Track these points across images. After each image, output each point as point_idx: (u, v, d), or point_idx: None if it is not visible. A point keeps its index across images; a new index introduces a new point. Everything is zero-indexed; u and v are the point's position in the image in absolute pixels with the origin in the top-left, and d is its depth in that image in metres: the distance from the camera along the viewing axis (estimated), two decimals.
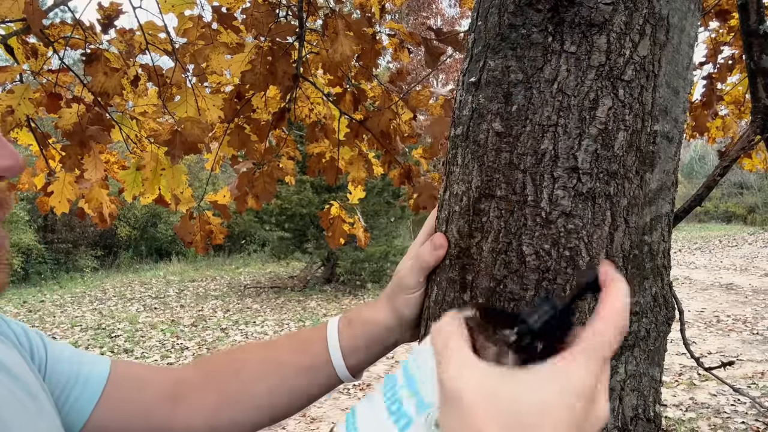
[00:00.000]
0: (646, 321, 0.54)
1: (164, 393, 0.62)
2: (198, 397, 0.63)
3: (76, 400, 0.56)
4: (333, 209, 2.30)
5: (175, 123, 1.79)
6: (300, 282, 10.63)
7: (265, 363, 0.64)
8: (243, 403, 0.62)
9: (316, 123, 2.21)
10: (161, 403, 0.61)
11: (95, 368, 0.59)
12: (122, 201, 2.45)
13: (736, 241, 15.77)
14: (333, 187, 9.45)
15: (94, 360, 0.60)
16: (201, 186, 11.28)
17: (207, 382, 0.64)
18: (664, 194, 0.55)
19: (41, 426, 0.48)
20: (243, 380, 0.63)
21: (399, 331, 0.63)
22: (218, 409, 0.62)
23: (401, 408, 0.41)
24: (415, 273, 0.60)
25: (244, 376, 0.63)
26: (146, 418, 0.60)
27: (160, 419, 0.61)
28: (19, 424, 0.44)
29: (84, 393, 0.57)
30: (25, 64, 1.90)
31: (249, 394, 0.62)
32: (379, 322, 0.62)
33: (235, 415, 0.62)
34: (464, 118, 0.58)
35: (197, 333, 7.10)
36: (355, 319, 0.64)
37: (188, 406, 0.62)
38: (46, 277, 12.24)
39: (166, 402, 0.62)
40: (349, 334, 0.63)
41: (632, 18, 0.50)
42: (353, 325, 0.63)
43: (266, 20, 1.72)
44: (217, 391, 0.63)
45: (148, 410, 0.60)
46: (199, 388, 0.63)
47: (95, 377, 0.58)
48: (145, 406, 0.60)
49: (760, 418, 3.90)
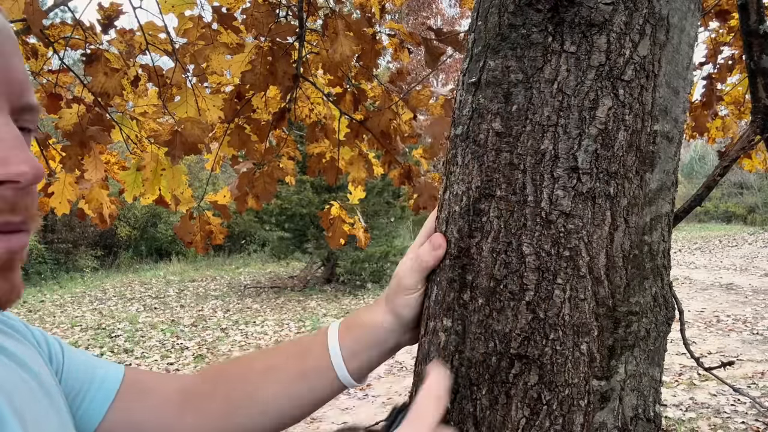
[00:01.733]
0: (646, 321, 0.54)
1: (172, 400, 0.63)
2: (205, 404, 0.63)
3: (90, 402, 0.57)
4: (333, 209, 2.30)
5: (175, 123, 1.79)
6: (300, 282, 10.62)
7: (267, 369, 0.64)
8: (249, 408, 0.62)
9: (316, 123, 2.21)
10: (169, 410, 0.62)
11: (109, 373, 0.60)
12: (122, 201, 2.45)
13: (736, 241, 15.77)
14: (333, 187, 9.45)
15: (107, 365, 0.62)
16: (201, 186, 11.28)
17: (213, 389, 0.64)
18: (664, 194, 0.55)
19: (53, 419, 0.49)
20: (248, 387, 0.63)
21: (399, 333, 0.63)
22: (225, 415, 0.62)
23: None
24: (415, 273, 0.60)
25: (248, 383, 0.64)
26: (155, 423, 0.61)
27: (168, 425, 0.61)
28: (31, 413, 0.45)
29: (98, 396, 0.58)
30: (25, 65, 1.90)
31: (254, 400, 0.63)
32: (379, 324, 0.62)
33: (242, 421, 0.62)
34: (464, 118, 0.58)
35: (197, 333, 7.10)
36: (354, 322, 0.64)
37: (196, 413, 0.63)
38: (46, 277, 12.23)
39: (174, 408, 0.62)
40: (350, 337, 0.63)
41: (632, 18, 0.50)
42: (353, 329, 0.63)
43: (266, 20, 1.72)
44: (224, 397, 0.63)
45: (157, 416, 0.61)
46: (205, 395, 0.64)
47: (109, 381, 0.59)
48: (154, 412, 0.61)
49: (760, 418, 3.89)
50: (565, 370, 0.51)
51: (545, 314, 0.51)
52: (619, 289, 0.52)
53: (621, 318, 0.52)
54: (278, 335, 6.89)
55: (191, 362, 5.82)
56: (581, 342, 0.51)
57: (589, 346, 0.51)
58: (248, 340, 6.66)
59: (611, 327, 0.52)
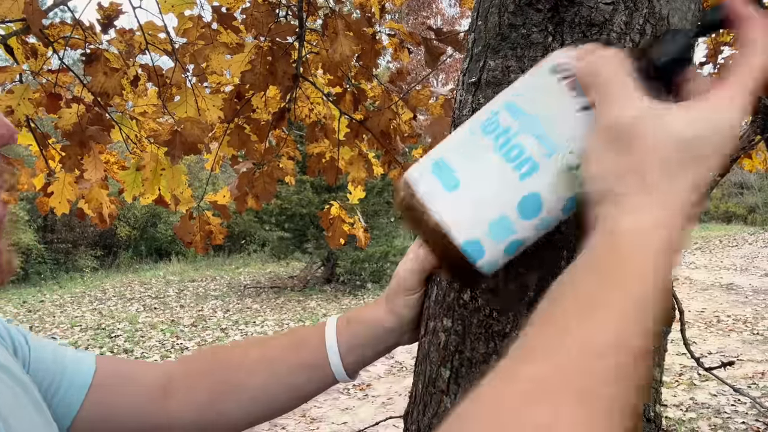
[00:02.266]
0: None
1: (154, 387, 0.62)
2: (189, 390, 0.62)
3: (63, 397, 0.56)
4: (333, 209, 2.30)
5: (175, 123, 1.79)
6: (300, 282, 10.62)
7: (260, 358, 0.64)
8: (239, 394, 0.62)
9: (316, 123, 2.21)
10: (151, 397, 0.61)
11: (81, 365, 0.59)
12: (122, 201, 2.45)
13: (736, 241, 15.77)
14: (333, 187, 9.45)
15: (78, 357, 0.60)
16: (201, 186, 11.26)
17: (200, 375, 0.64)
18: None
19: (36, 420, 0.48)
20: (240, 374, 0.63)
21: (399, 333, 0.63)
22: (211, 401, 0.62)
23: (522, 153, 0.39)
24: (416, 274, 0.60)
25: (238, 370, 0.63)
26: (136, 412, 0.60)
27: (151, 413, 0.60)
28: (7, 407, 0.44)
29: (70, 389, 0.56)
30: (24, 64, 1.90)
31: (243, 387, 0.62)
32: (379, 322, 0.62)
33: (229, 407, 0.62)
34: (464, 118, 0.58)
35: (197, 333, 7.10)
36: (354, 318, 0.64)
37: (180, 400, 0.62)
38: (46, 277, 12.23)
39: (156, 396, 0.61)
40: (348, 332, 0.63)
41: (632, 18, 0.50)
42: (352, 325, 0.63)
43: (266, 20, 1.72)
44: (211, 383, 0.63)
45: (137, 405, 0.60)
46: (190, 381, 0.63)
47: (81, 373, 0.58)
48: (133, 401, 0.60)
49: (760, 418, 3.90)
50: None
51: None
52: None
53: None
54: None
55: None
56: None
57: None
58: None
59: None
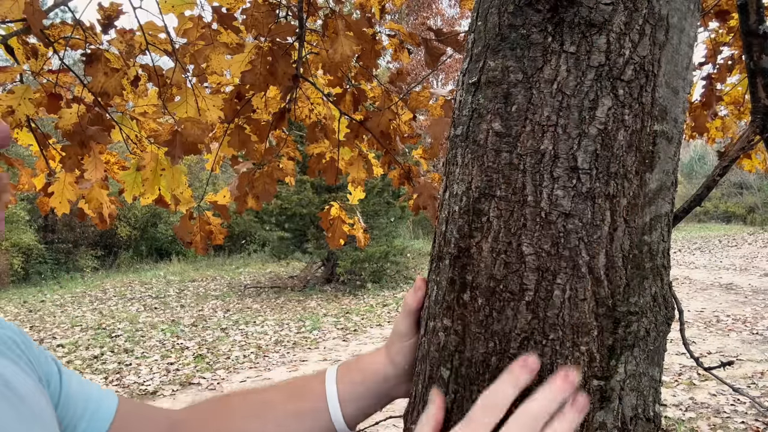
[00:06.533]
0: (645, 321, 0.54)
1: (163, 426, 0.63)
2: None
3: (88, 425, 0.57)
4: (333, 210, 2.30)
5: (175, 123, 1.79)
6: (300, 282, 10.62)
7: (264, 405, 0.65)
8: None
9: (316, 123, 2.21)
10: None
11: (103, 403, 0.60)
12: (122, 201, 2.45)
13: (735, 241, 15.77)
14: (333, 188, 9.45)
15: (101, 394, 0.61)
16: (201, 186, 11.28)
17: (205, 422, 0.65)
18: (664, 194, 0.55)
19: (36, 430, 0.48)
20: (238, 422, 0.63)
21: (394, 382, 0.63)
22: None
23: None
24: (405, 319, 0.62)
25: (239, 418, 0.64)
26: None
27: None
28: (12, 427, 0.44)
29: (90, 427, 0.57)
30: (25, 65, 1.90)
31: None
32: (378, 370, 0.63)
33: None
34: (464, 118, 0.58)
35: (197, 333, 7.10)
36: (354, 366, 0.65)
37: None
38: (47, 277, 12.24)
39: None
40: (348, 380, 0.63)
41: (632, 18, 0.50)
42: (352, 373, 0.64)
43: (266, 20, 1.72)
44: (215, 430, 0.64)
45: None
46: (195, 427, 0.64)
47: (103, 412, 0.59)
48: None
49: (760, 418, 3.89)
50: None
51: (545, 314, 0.51)
52: (618, 289, 0.52)
53: (621, 318, 0.52)
54: (278, 335, 6.89)
55: (191, 362, 5.81)
56: (581, 342, 0.51)
57: (588, 346, 0.51)
58: (248, 340, 6.66)
59: (611, 327, 0.52)
